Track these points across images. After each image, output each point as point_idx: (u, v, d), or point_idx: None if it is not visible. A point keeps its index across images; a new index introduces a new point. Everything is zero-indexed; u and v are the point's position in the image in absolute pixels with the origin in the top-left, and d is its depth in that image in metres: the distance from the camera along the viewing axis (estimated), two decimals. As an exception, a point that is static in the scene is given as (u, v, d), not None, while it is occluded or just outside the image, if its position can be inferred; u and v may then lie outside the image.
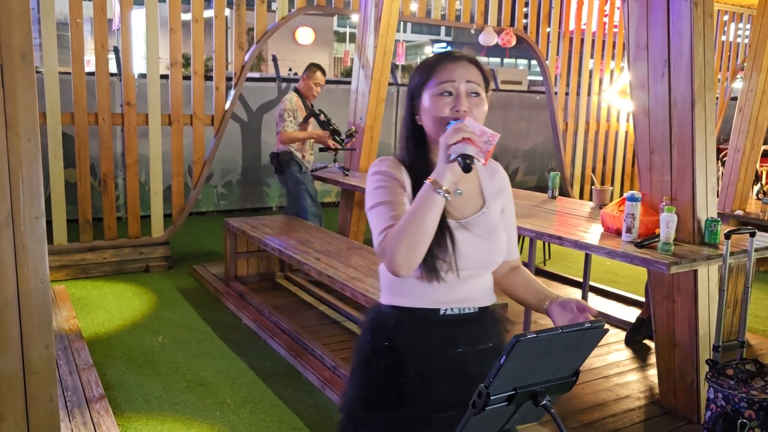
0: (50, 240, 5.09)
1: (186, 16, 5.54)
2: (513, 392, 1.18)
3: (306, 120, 5.37)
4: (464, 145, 1.35)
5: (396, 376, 1.50)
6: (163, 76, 5.69)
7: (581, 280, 4.51)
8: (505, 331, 1.64)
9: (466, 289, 1.53)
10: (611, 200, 3.97)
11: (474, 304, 1.56)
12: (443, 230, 1.45)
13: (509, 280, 1.70)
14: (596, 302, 4.99)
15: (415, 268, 1.40)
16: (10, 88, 1.96)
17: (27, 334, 2.10)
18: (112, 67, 5.91)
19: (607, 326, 1.29)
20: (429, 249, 1.41)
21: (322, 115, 5.43)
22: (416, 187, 1.46)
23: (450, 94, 1.47)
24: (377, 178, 1.51)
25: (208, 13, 5.76)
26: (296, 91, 5.41)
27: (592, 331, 1.24)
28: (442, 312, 1.52)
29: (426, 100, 1.50)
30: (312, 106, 5.45)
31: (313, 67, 5.47)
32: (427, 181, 1.37)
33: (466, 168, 1.33)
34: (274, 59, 8.90)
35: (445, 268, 1.47)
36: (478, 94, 1.50)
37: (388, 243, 1.37)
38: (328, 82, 9.64)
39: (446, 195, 1.36)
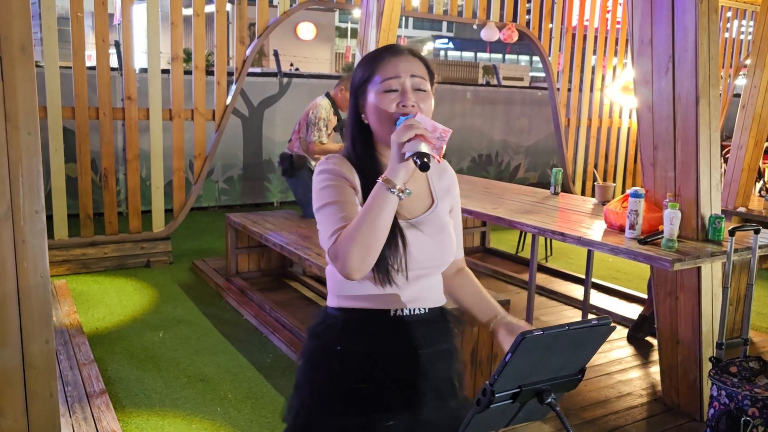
0: (51, 235, 5.08)
1: (187, 11, 5.52)
2: (518, 390, 1.16)
3: (333, 131, 5.05)
4: (417, 142, 1.29)
5: (347, 380, 1.46)
6: (164, 71, 5.67)
7: (583, 276, 4.49)
8: (458, 332, 1.59)
9: (416, 290, 1.49)
10: (614, 197, 3.95)
11: (424, 304, 1.52)
12: (394, 230, 1.40)
13: (456, 282, 1.67)
14: (599, 299, 4.98)
15: (369, 270, 1.34)
16: (9, 81, 1.94)
17: (27, 329, 2.09)
18: (113, 62, 5.89)
19: (613, 323, 1.27)
20: None
21: None
22: (365, 186, 1.43)
23: (395, 90, 1.42)
24: (325, 177, 1.44)
25: (210, 8, 5.74)
26: (329, 97, 5.01)
27: (599, 328, 1.23)
28: (392, 313, 1.48)
29: (371, 97, 1.45)
30: (340, 118, 5.08)
31: (348, 81, 5.10)
32: (379, 180, 1.32)
33: (423, 167, 1.28)
34: (276, 54, 8.88)
35: (395, 268, 1.43)
36: (423, 90, 1.45)
37: (341, 246, 1.31)
38: (328, 77, 9.64)
39: (400, 194, 1.31)
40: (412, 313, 1.49)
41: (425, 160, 1.28)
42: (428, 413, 1.47)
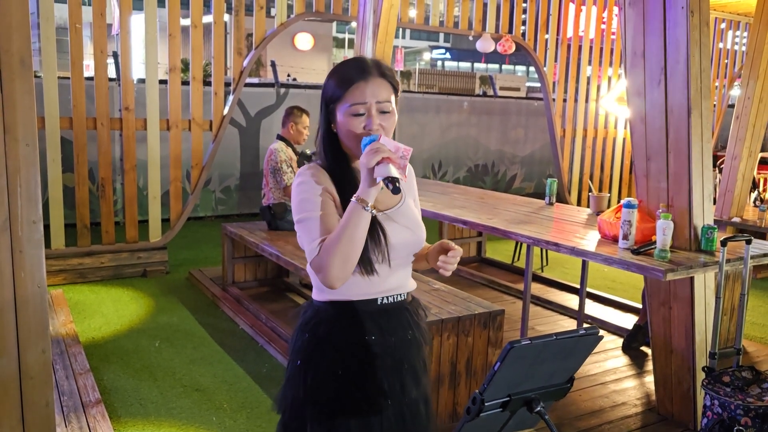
0: (48, 244, 5.11)
1: (185, 22, 5.55)
2: (507, 399, 1.18)
3: (297, 164, 5.03)
4: (385, 166, 1.41)
5: (341, 371, 1.55)
6: (162, 81, 5.70)
7: (578, 286, 4.51)
8: (425, 314, 1.72)
9: (397, 278, 1.61)
10: (608, 207, 3.98)
11: (404, 290, 1.64)
12: (374, 224, 1.52)
13: None
14: (594, 309, 4.99)
15: (348, 278, 1.47)
16: (8, 93, 1.97)
17: (23, 338, 2.10)
18: (111, 72, 5.92)
19: (601, 333, 1.29)
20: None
21: (314, 156, 5.28)
22: (341, 193, 1.54)
23: (362, 114, 1.53)
24: (305, 189, 1.54)
25: (207, 19, 5.78)
26: (282, 139, 5.06)
27: (587, 338, 1.25)
28: (379, 302, 1.59)
29: (340, 116, 1.56)
30: (297, 152, 5.11)
31: (297, 111, 5.06)
32: (353, 200, 1.44)
33: (395, 191, 1.40)
34: (273, 65, 8.92)
35: (379, 259, 1.54)
36: (388, 112, 1.56)
37: (323, 258, 1.44)
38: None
39: (373, 211, 1.45)
40: (396, 300, 1.62)
41: (396, 184, 1.40)
42: (411, 393, 1.59)
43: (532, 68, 9.04)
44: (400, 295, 1.63)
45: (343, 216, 1.45)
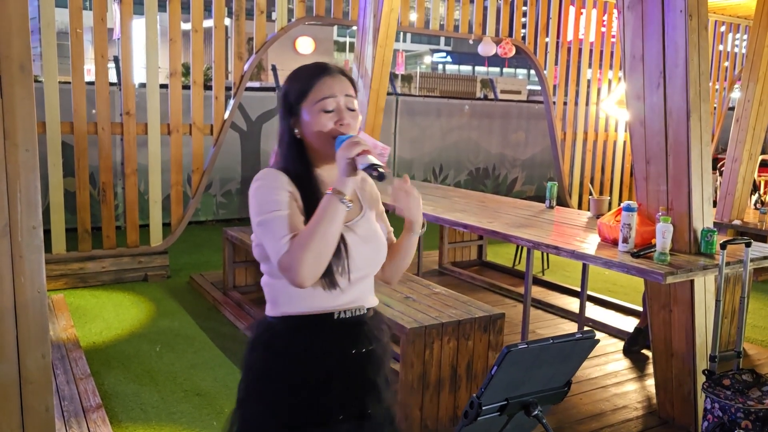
0: (49, 249, 5.12)
1: (186, 26, 5.57)
2: (505, 402, 1.18)
3: None
4: (365, 157, 1.39)
5: (298, 386, 1.50)
6: (163, 86, 5.71)
7: (579, 289, 4.51)
8: (388, 329, 1.67)
9: (355, 291, 1.56)
10: (609, 210, 3.98)
11: (363, 304, 1.59)
12: None
13: (389, 252, 1.71)
14: (595, 312, 4.99)
15: (318, 277, 1.41)
16: (8, 98, 1.97)
17: (23, 343, 2.10)
18: (112, 77, 5.93)
19: (601, 336, 1.30)
20: None
21: None
22: (305, 198, 1.49)
23: (332, 110, 1.50)
24: (268, 190, 1.48)
25: (208, 23, 5.79)
26: None
27: (584, 342, 1.25)
28: (336, 316, 1.53)
29: (306, 115, 1.51)
30: None
31: None
32: (329, 192, 1.40)
33: (380, 177, 1.37)
34: (274, 69, 8.93)
35: (339, 271, 1.49)
36: (354, 109, 1.53)
37: (294, 256, 1.37)
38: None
39: (349, 204, 1.40)
40: (354, 314, 1.56)
41: (381, 170, 1.37)
42: (371, 408, 1.54)
43: (532, 71, 9.05)
44: (359, 309, 1.57)
45: (318, 210, 1.40)
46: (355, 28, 6.33)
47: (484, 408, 1.15)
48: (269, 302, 1.57)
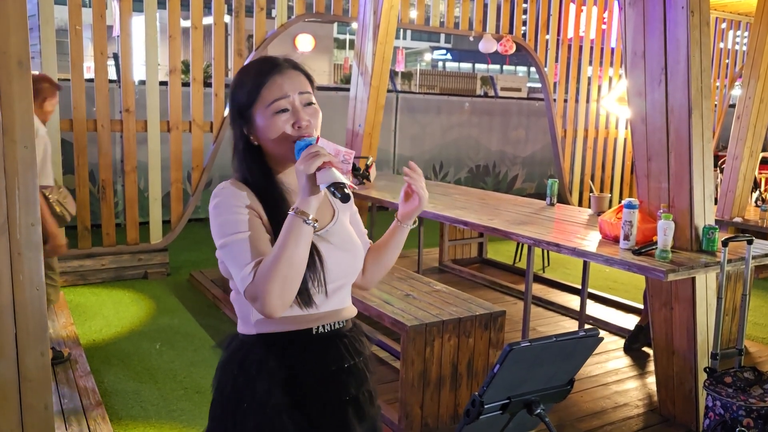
0: (48, 246, 5.10)
1: (185, 23, 5.55)
2: (507, 401, 1.17)
3: None
4: (328, 171, 1.23)
5: (274, 406, 1.39)
6: (163, 83, 5.69)
7: (580, 287, 4.50)
8: (368, 340, 1.56)
9: (333, 304, 1.45)
10: (609, 207, 3.97)
11: (342, 317, 1.48)
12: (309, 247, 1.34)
13: (371, 253, 1.62)
14: (596, 309, 4.98)
15: (289, 304, 1.29)
16: (6, 95, 1.96)
17: (22, 341, 2.09)
18: (112, 74, 5.91)
19: (602, 334, 1.29)
20: None
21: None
22: (270, 212, 1.37)
23: (286, 110, 1.36)
24: (226, 209, 1.34)
25: (208, 20, 5.78)
26: None
27: (586, 339, 1.24)
28: (314, 331, 1.43)
29: (260, 120, 1.37)
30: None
31: None
32: (291, 212, 1.26)
33: (345, 198, 1.22)
34: (274, 66, 8.91)
35: (315, 285, 1.38)
36: (312, 104, 1.39)
37: (259, 286, 1.25)
38: (327, 89, 9.67)
39: (315, 224, 1.27)
40: (333, 328, 1.46)
41: (345, 191, 1.22)
42: (355, 425, 1.44)
43: (532, 69, 9.05)
44: (338, 322, 1.46)
45: (281, 234, 1.26)
46: (355, 25, 6.31)
47: (486, 406, 1.14)
48: (240, 319, 1.46)
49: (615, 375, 3.83)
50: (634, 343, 4.20)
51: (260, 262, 1.27)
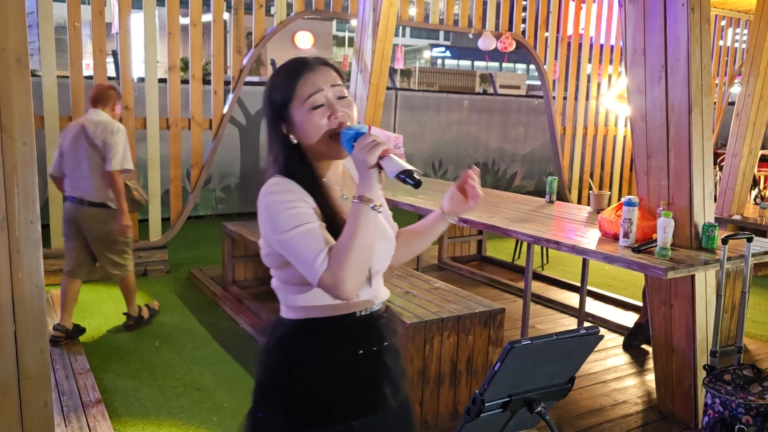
0: (48, 244, 5.10)
1: (184, 20, 5.54)
2: (508, 399, 1.17)
3: None
4: (391, 159, 1.29)
5: (318, 388, 1.45)
6: (162, 80, 5.69)
7: (579, 284, 4.50)
8: (399, 321, 1.62)
9: (373, 288, 1.52)
10: (609, 205, 3.97)
11: (380, 300, 1.56)
12: None
13: (403, 237, 1.68)
14: (595, 307, 4.99)
15: (362, 286, 1.37)
16: (5, 91, 1.96)
17: (21, 338, 2.09)
18: (111, 71, 5.90)
19: (602, 332, 1.28)
20: None
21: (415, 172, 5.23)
22: (318, 203, 1.42)
23: (321, 104, 1.41)
24: (286, 202, 1.38)
25: (207, 18, 5.77)
26: None
27: (587, 338, 1.24)
28: (357, 315, 1.49)
29: (298, 117, 1.42)
30: None
31: None
32: (356, 200, 1.32)
33: (417, 184, 1.27)
34: (273, 63, 8.92)
35: None
36: (345, 96, 1.45)
37: (335, 272, 1.30)
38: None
39: (380, 209, 1.34)
40: (372, 310, 1.52)
41: (416, 177, 1.27)
42: (390, 402, 1.50)
43: (532, 66, 9.03)
44: (377, 305, 1.54)
45: (349, 221, 1.32)
46: (354, 22, 6.30)
47: (486, 404, 1.14)
48: (283, 305, 1.52)
49: (614, 372, 3.83)
50: (634, 341, 4.20)
51: (330, 250, 1.32)
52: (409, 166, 1.28)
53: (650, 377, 3.69)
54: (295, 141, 1.45)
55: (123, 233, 3.99)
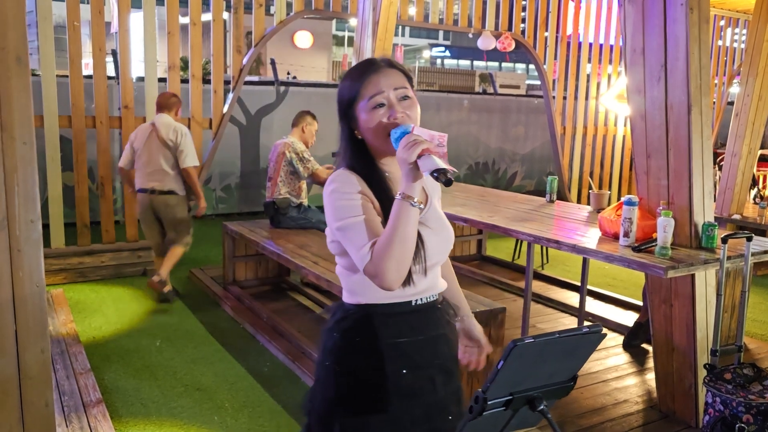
0: (48, 243, 5.10)
1: (184, 20, 5.54)
2: (510, 397, 1.17)
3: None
4: (428, 158, 1.35)
5: (371, 372, 1.53)
6: (161, 80, 5.68)
7: (579, 284, 4.51)
8: (454, 312, 1.73)
9: (429, 279, 1.59)
10: (609, 204, 3.97)
11: (436, 291, 1.64)
12: None
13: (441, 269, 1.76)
14: (595, 306, 4.99)
15: (404, 277, 1.43)
16: (4, 91, 1.95)
17: (22, 338, 2.09)
18: (110, 71, 5.90)
19: (604, 331, 1.29)
20: None
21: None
22: (378, 197, 1.51)
23: (383, 104, 1.50)
24: (342, 194, 1.49)
25: (206, 17, 5.77)
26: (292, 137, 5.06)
27: (590, 336, 1.24)
28: (413, 303, 1.57)
29: (362, 115, 1.52)
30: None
31: (310, 116, 5.08)
32: (398, 197, 1.40)
33: (448, 183, 1.33)
34: (273, 63, 8.91)
35: (417, 269, 1.52)
36: (408, 97, 1.53)
37: (377, 264, 1.39)
38: (325, 86, 9.66)
39: (420, 206, 1.41)
40: (428, 300, 1.60)
41: (448, 176, 1.33)
42: (442, 391, 1.59)
43: (531, 66, 9.03)
44: (432, 295, 1.62)
45: (391, 216, 1.41)
46: (353, 22, 6.30)
47: (489, 403, 1.14)
48: (345, 290, 1.60)
49: (615, 372, 3.83)
50: (634, 340, 4.20)
51: (375, 243, 1.41)
52: (443, 165, 1.33)
53: (651, 376, 3.70)
54: (360, 137, 1.55)
55: (199, 212, 4.95)
